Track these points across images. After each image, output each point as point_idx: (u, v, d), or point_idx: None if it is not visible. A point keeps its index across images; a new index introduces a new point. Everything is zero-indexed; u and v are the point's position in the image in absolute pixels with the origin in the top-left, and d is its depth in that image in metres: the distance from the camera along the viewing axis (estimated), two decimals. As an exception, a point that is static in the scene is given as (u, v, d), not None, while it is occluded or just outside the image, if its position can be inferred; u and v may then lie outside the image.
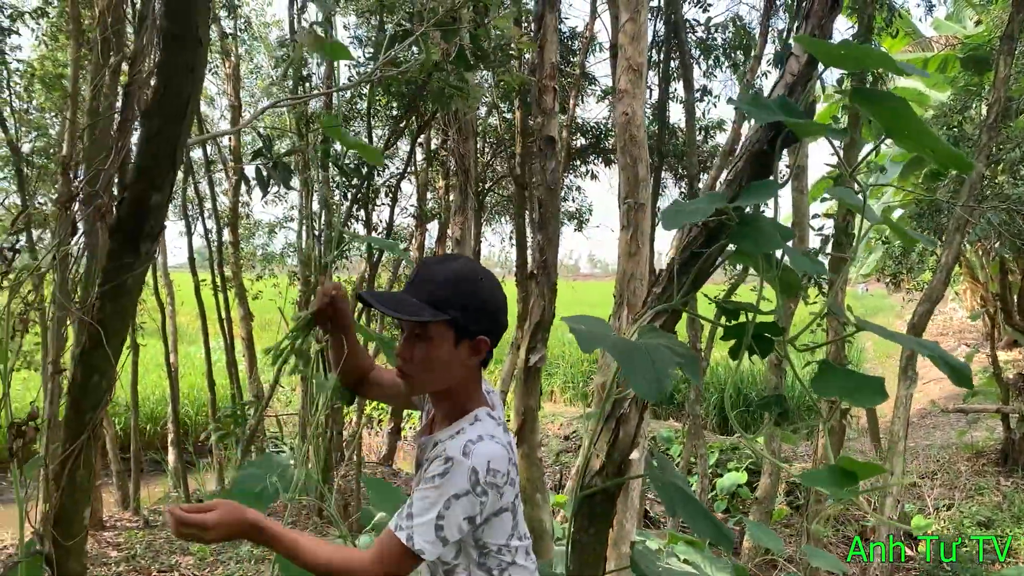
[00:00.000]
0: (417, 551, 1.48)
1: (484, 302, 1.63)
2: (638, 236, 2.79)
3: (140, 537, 7.34)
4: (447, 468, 1.51)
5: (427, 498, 1.50)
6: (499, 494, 1.55)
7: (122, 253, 1.34)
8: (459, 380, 1.66)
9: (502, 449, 1.56)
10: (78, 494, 1.51)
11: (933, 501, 8.14)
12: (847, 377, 1.66)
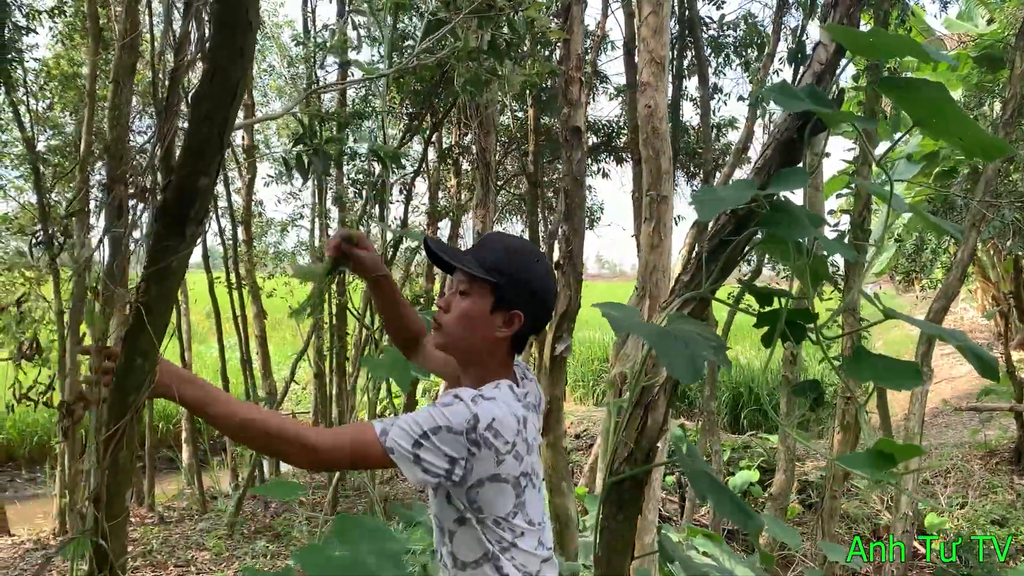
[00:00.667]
0: (387, 448, 1.44)
1: (531, 279, 1.66)
2: (660, 228, 2.80)
3: (156, 532, 7.38)
4: (451, 402, 1.50)
5: (422, 415, 1.47)
6: (496, 457, 1.51)
7: (168, 236, 1.36)
8: (485, 349, 1.67)
9: (513, 420, 1.54)
10: (120, 475, 1.54)
11: (946, 499, 8.12)
12: (881, 361, 1.67)
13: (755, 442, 10.34)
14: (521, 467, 1.57)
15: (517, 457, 1.55)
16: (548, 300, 1.71)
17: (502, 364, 1.71)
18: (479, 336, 1.66)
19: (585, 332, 21.60)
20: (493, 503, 1.56)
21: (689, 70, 8.74)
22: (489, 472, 1.52)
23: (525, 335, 1.70)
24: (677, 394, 2.02)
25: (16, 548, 6.80)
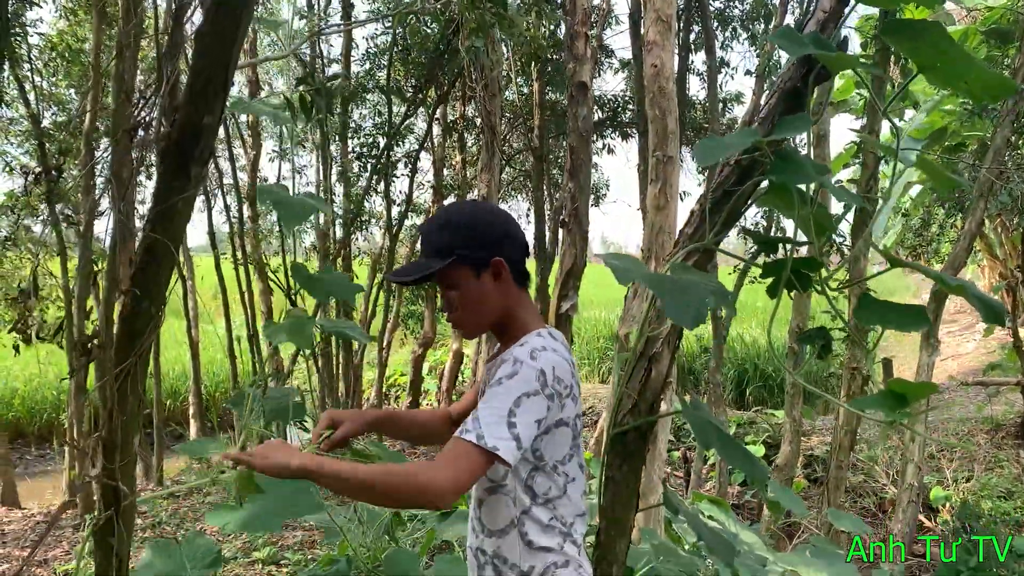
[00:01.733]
0: (491, 448, 1.42)
1: (480, 228, 1.68)
2: (667, 189, 2.80)
3: (165, 505, 7.45)
4: (515, 369, 1.52)
5: (496, 397, 1.49)
6: (561, 404, 1.57)
7: (173, 177, 1.36)
8: (502, 308, 1.71)
9: (566, 364, 1.61)
10: (129, 420, 1.55)
11: (952, 473, 8.13)
12: (888, 307, 1.67)
13: (761, 418, 10.37)
14: (576, 408, 1.64)
15: (574, 399, 1.63)
16: (508, 228, 1.73)
17: (524, 308, 1.75)
18: (488, 305, 1.70)
19: (590, 311, 21.61)
20: (556, 448, 1.61)
21: (696, 44, 8.68)
22: (556, 418, 1.59)
23: (517, 267, 1.72)
24: (680, 345, 2.03)
25: (27, 520, 6.87)
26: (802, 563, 3.28)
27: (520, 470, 1.61)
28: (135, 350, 1.50)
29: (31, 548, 5.63)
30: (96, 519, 1.55)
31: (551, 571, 1.63)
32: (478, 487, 1.68)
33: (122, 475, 1.57)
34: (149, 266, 1.42)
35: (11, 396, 11.71)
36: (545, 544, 1.63)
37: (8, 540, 6.21)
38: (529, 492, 1.62)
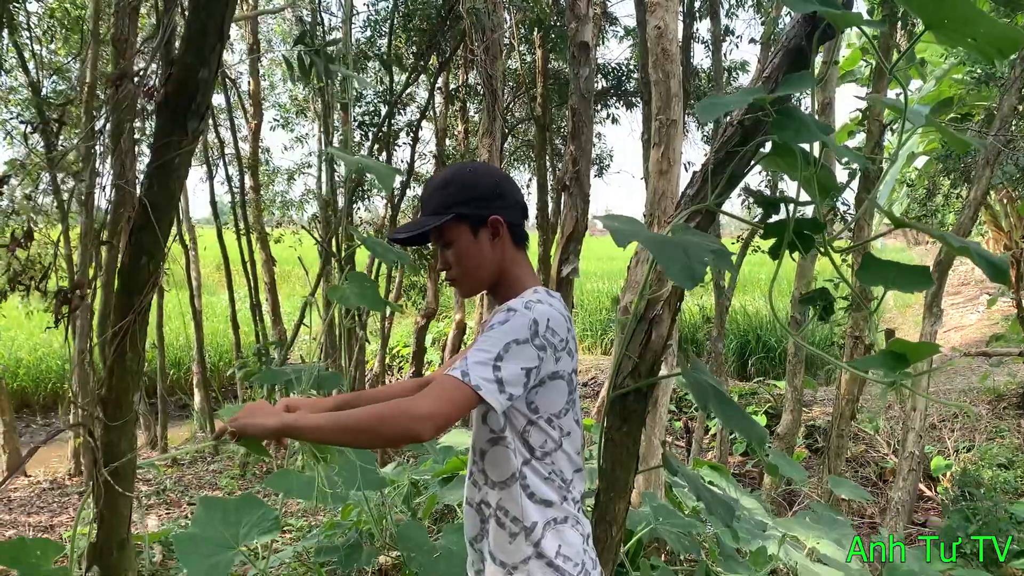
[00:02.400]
0: (473, 386, 1.43)
1: (479, 186, 1.70)
2: (669, 154, 2.77)
3: (169, 473, 7.51)
4: (508, 317, 1.54)
5: (487, 341, 1.50)
6: (555, 357, 1.57)
7: (170, 130, 1.35)
8: (498, 266, 1.71)
9: (561, 318, 1.60)
10: (127, 376, 1.54)
11: (953, 443, 8.15)
12: (891, 267, 1.65)
13: (762, 388, 10.40)
14: (572, 363, 1.65)
15: (569, 353, 1.63)
16: (506, 187, 1.74)
17: (520, 266, 1.75)
18: (485, 262, 1.70)
19: (593, 283, 21.60)
20: (550, 401, 1.61)
21: (700, 12, 8.58)
22: (550, 370, 1.58)
23: (515, 227, 1.72)
24: (680, 308, 2.02)
25: (33, 488, 6.93)
26: (801, 528, 3.30)
27: (516, 422, 1.62)
28: (134, 307, 1.49)
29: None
30: (94, 474, 1.56)
31: (551, 527, 1.64)
32: (480, 439, 1.68)
33: (121, 433, 1.56)
34: (147, 223, 1.40)
35: (16, 366, 11.77)
36: (546, 497, 1.64)
37: (15, 507, 6.27)
38: (526, 445, 1.63)
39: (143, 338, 1.54)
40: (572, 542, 1.66)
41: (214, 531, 1.84)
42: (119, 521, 1.61)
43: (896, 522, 5.38)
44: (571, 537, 1.66)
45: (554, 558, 1.63)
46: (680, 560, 3.13)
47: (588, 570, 1.68)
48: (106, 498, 1.61)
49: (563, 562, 1.63)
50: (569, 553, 1.64)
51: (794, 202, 1.74)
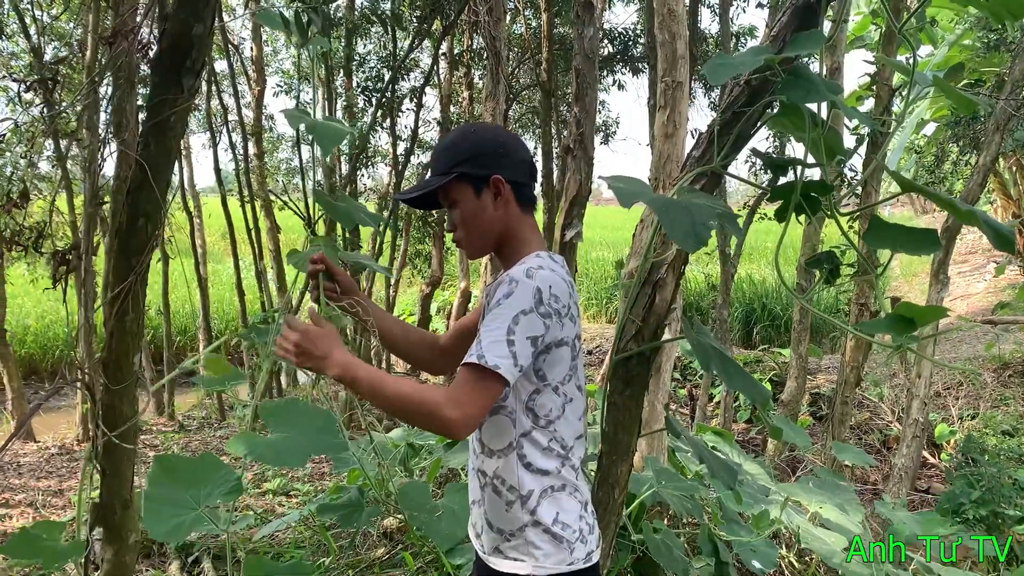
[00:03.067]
0: (492, 367, 1.46)
1: (481, 145, 1.69)
2: (675, 117, 2.74)
3: (176, 439, 7.57)
4: (511, 289, 1.53)
5: (495, 319, 1.51)
6: (560, 323, 1.57)
7: (165, 88, 1.33)
8: (503, 227, 1.70)
9: (563, 283, 1.60)
10: (128, 338, 1.54)
11: (958, 411, 8.15)
12: (898, 230, 1.63)
13: (767, 356, 10.40)
14: (575, 329, 1.64)
15: (572, 319, 1.62)
16: (508, 144, 1.72)
17: (525, 228, 1.74)
18: (489, 222, 1.70)
19: (598, 252, 21.59)
20: (556, 368, 1.61)
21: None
22: (556, 337, 1.58)
23: (521, 187, 1.71)
24: (684, 272, 2.00)
25: (42, 453, 7.00)
26: (804, 493, 3.31)
27: (521, 391, 1.61)
28: (134, 269, 1.48)
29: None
30: (94, 437, 1.56)
31: (548, 494, 1.64)
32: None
33: (122, 395, 1.56)
34: (144, 184, 1.39)
35: (24, 333, 11.83)
36: (543, 467, 1.64)
37: (24, 472, 6.33)
38: (530, 414, 1.62)
39: (143, 301, 1.53)
40: (569, 509, 1.66)
41: (175, 492, 1.81)
42: (122, 482, 1.62)
43: (899, 488, 5.40)
44: (568, 504, 1.66)
45: (551, 525, 1.64)
46: (682, 523, 3.15)
47: (585, 535, 1.68)
48: (109, 459, 1.62)
49: (561, 529, 1.64)
50: (567, 520, 1.65)
51: (801, 164, 1.72)
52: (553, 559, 1.64)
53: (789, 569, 3.37)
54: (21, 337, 11.70)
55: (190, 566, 4.17)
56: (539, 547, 1.63)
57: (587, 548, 1.68)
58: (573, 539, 1.66)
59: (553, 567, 1.64)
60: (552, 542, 1.64)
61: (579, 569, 1.66)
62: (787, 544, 3.45)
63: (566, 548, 1.64)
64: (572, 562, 1.65)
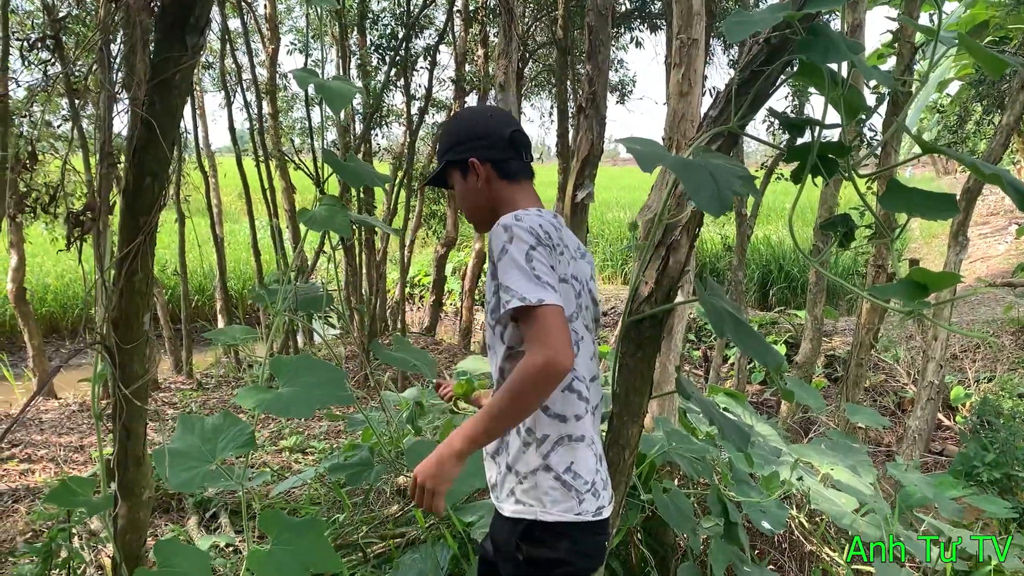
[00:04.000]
0: (536, 302, 1.48)
1: (457, 132, 1.86)
2: (690, 74, 2.69)
3: (194, 397, 7.66)
4: (509, 234, 1.58)
5: (510, 264, 1.54)
6: (557, 255, 1.64)
7: (168, 46, 1.31)
8: (495, 202, 1.82)
9: (549, 225, 1.67)
10: (137, 298, 1.54)
11: (974, 373, 8.11)
12: (916, 193, 1.60)
13: (783, 319, 10.36)
14: (571, 269, 1.72)
15: (565, 256, 1.71)
16: (482, 126, 1.85)
17: (519, 197, 1.83)
18: (478, 201, 1.84)
19: (613, 213, 21.48)
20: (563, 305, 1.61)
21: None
22: (561, 271, 1.66)
23: (501, 162, 1.81)
24: (699, 233, 1.98)
25: (63, 410, 7.10)
26: (816, 454, 3.31)
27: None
28: (142, 229, 1.48)
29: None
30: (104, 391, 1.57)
31: (564, 443, 1.67)
32: (497, 356, 1.73)
33: (133, 354, 1.57)
34: (150, 143, 1.38)
35: (44, 292, 11.94)
36: (560, 412, 1.67)
37: (46, 428, 6.43)
38: None
39: (151, 260, 1.53)
40: (584, 460, 1.69)
41: (192, 446, 1.91)
42: (135, 439, 1.63)
43: (913, 450, 5.40)
44: (584, 455, 1.69)
45: (562, 473, 1.66)
46: (693, 484, 3.17)
47: (598, 490, 1.71)
48: (123, 416, 1.63)
49: (572, 478, 1.67)
50: (580, 471, 1.68)
51: (819, 124, 1.69)
52: (561, 506, 1.67)
53: (799, 530, 3.39)
54: (41, 296, 11.81)
55: (208, 521, 4.24)
56: (547, 493, 1.66)
57: (598, 503, 1.71)
58: (584, 490, 1.68)
59: (559, 514, 1.66)
60: (561, 489, 1.66)
61: (587, 521, 1.69)
62: (798, 505, 3.46)
63: (575, 498, 1.67)
64: (580, 512, 1.68)
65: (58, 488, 1.67)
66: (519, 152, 1.84)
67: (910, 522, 3.50)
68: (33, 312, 7.76)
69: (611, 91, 11.18)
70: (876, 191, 5.41)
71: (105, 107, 1.74)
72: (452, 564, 2.92)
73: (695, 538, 2.65)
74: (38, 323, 7.94)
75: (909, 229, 20.00)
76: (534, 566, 1.67)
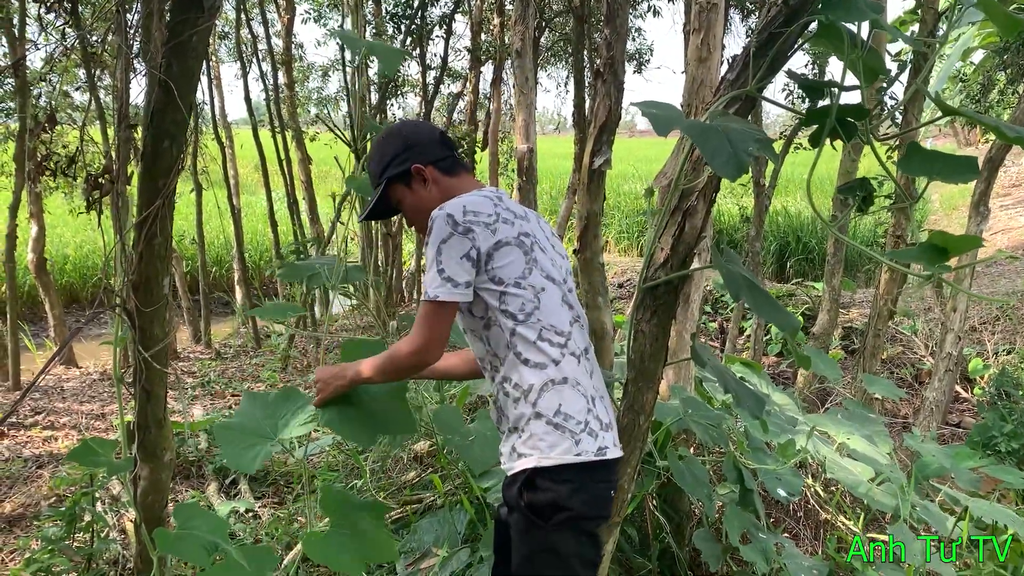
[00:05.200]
0: (432, 297, 1.67)
1: (389, 148, 1.92)
2: (709, 39, 2.66)
3: (213, 366, 7.74)
4: (431, 226, 1.71)
5: (427, 256, 1.70)
6: (489, 230, 1.72)
7: (185, 7, 1.31)
8: (445, 199, 1.84)
9: (482, 199, 1.77)
10: (156, 261, 1.55)
11: (993, 346, 8.05)
12: (935, 157, 1.58)
13: (800, 290, 10.31)
14: (516, 229, 1.77)
15: (507, 222, 1.76)
16: (410, 134, 1.94)
17: (464, 186, 1.92)
18: (429, 204, 1.87)
19: (630, 184, 21.35)
20: (509, 267, 1.73)
21: None
22: (490, 242, 1.72)
23: (440, 161, 1.92)
24: (715, 200, 1.97)
25: (84, 378, 7.20)
26: (832, 424, 3.31)
27: (490, 299, 1.74)
28: (161, 192, 1.48)
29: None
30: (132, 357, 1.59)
31: (549, 387, 1.73)
32: (476, 328, 1.81)
33: (153, 318, 1.58)
34: (167, 106, 1.38)
35: (63, 262, 12.05)
36: (538, 361, 1.74)
37: (68, 396, 6.53)
38: (508, 315, 1.74)
39: (170, 224, 1.54)
40: (572, 400, 1.73)
41: (254, 422, 1.91)
42: (156, 402, 1.66)
43: (930, 422, 5.38)
44: (571, 396, 1.74)
45: (552, 416, 1.71)
46: (708, 451, 3.18)
47: (594, 430, 1.75)
48: (143, 379, 1.65)
49: (563, 420, 1.71)
50: (571, 411, 1.72)
51: (836, 86, 1.66)
52: (558, 449, 1.70)
53: (815, 498, 3.40)
54: (61, 266, 11.92)
55: (227, 487, 4.30)
56: (542, 439, 1.71)
57: (598, 443, 1.74)
58: (578, 430, 1.72)
59: (558, 457, 1.70)
60: (555, 432, 1.71)
61: (589, 461, 1.71)
62: (813, 474, 3.46)
63: (570, 438, 1.71)
64: (580, 453, 1.71)
65: (79, 448, 1.68)
66: (451, 149, 1.96)
67: (926, 492, 3.50)
68: (53, 282, 7.84)
69: (629, 60, 11.05)
70: (896, 158, 5.34)
71: (122, 72, 1.75)
72: (469, 529, 2.96)
73: (710, 505, 2.66)
74: (58, 293, 8.02)
75: (929, 200, 19.79)
76: (536, 512, 1.70)
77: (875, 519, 3.54)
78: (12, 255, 6.80)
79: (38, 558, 2.96)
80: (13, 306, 6.81)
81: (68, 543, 3.13)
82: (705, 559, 2.64)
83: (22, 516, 3.98)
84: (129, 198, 4.18)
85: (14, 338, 6.76)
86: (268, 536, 3.54)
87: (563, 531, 1.71)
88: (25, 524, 3.91)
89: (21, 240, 7.13)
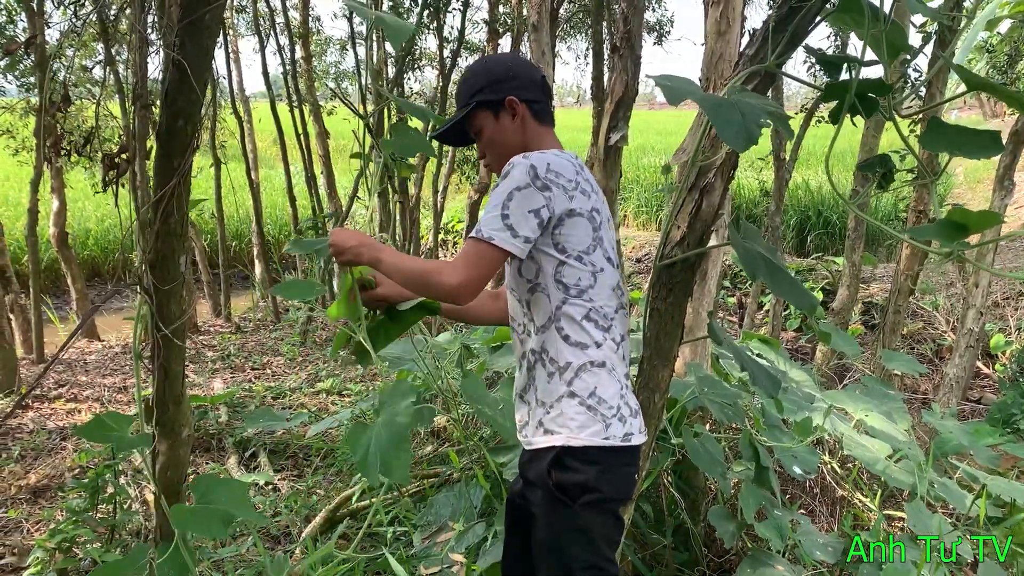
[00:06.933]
0: (486, 237, 1.58)
1: (491, 72, 1.83)
2: (729, 12, 2.62)
3: (233, 340, 7.80)
4: (508, 171, 1.64)
5: (494, 197, 1.62)
6: (567, 195, 1.65)
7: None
8: (526, 144, 1.81)
9: (567, 163, 1.68)
10: (172, 239, 1.56)
11: (1015, 322, 7.96)
12: (957, 132, 1.56)
13: (821, 265, 10.22)
14: (591, 203, 1.70)
15: (584, 193, 1.69)
16: (517, 67, 1.85)
17: (546, 140, 1.84)
18: (510, 142, 1.82)
19: (648, 158, 21.19)
20: (575, 238, 1.68)
21: None
22: (565, 207, 1.65)
23: (534, 104, 1.82)
24: (732, 177, 1.95)
25: (106, 352, 7.29)
26: (850, 400, 3.29)
27: (547, 265, 1.69)
28: (176, 170, 1.49)
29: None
30: (151, 333, 1.60)
31: (586, 368, 1.71)
32: (520, 289, 1.77)
33: (170, 296, 1.59)
34: (181, 86, 1.38)
35: (85, 237, 12.16)
36: (580, 340, 1.71)
37: (91, 369, 6.61)
38: (561, 286, 1.70)
39: (187, 202, 1.54)
40: (607, 385, 1.72)
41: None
42: (174, 377, 1.67)
43: (949, 398, 5.35)
44: (607, 381, 1.72)
45: (586, 398, 1.70)
46: (724, 429, 3.17)
47: (624, 416, 1.74)
48: (161, 356, 1.66)
49: (596, 403, 1.70)
50: (604, 395, 1.71)
51: (856, 61, 1.63)
52: (588, 431, 1.70)
53: (831, 475, 3.39)
54: (83, 240, 12.04)
55: (247, 460, 4.36)
56: (573, 418, 1.70)
57: (626, 428, 1.73)
58: (609, 415, 1.71)
59: (587, 439, 1.70)
60: (586, 414, 1.70)
61: (616, 446, 1.72)
62: (830, 451, 3.46)
63: (601, 422, 1.70)
64: (608, 437, 1.71)
65: (91, 423, 1.68)
66: (548, 96, 1.88)
67: (945, 469, 3.48)
68: (75, 256, 7.91)
69: (648, 31, 10.93)
70: (918, 134, 5.26)
71: (138, 50, 1.75)
72: (485, 503, 2.98)
73: (725, 482, 2.66)
74: (80, 267, 8.10)
75: (952, 174, 19.51)
76: (564, 492, 1.70)
77: (892, 496, 3.53)
78: (34, 229, 6.86)
79: (63, 529, 3.01)
80: (36, 280, 6.89)
81: (91, 514, 3.18)
82: (720, 535, 2.65)
83: (47, 487, 4.06)
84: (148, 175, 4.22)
85: (37, 311, 6.85)
86: (287, 508, 3.59)
87: (591, 511, 1.71)
88: (50, 495, 3.98)
89: (43, 214, 7.20)
